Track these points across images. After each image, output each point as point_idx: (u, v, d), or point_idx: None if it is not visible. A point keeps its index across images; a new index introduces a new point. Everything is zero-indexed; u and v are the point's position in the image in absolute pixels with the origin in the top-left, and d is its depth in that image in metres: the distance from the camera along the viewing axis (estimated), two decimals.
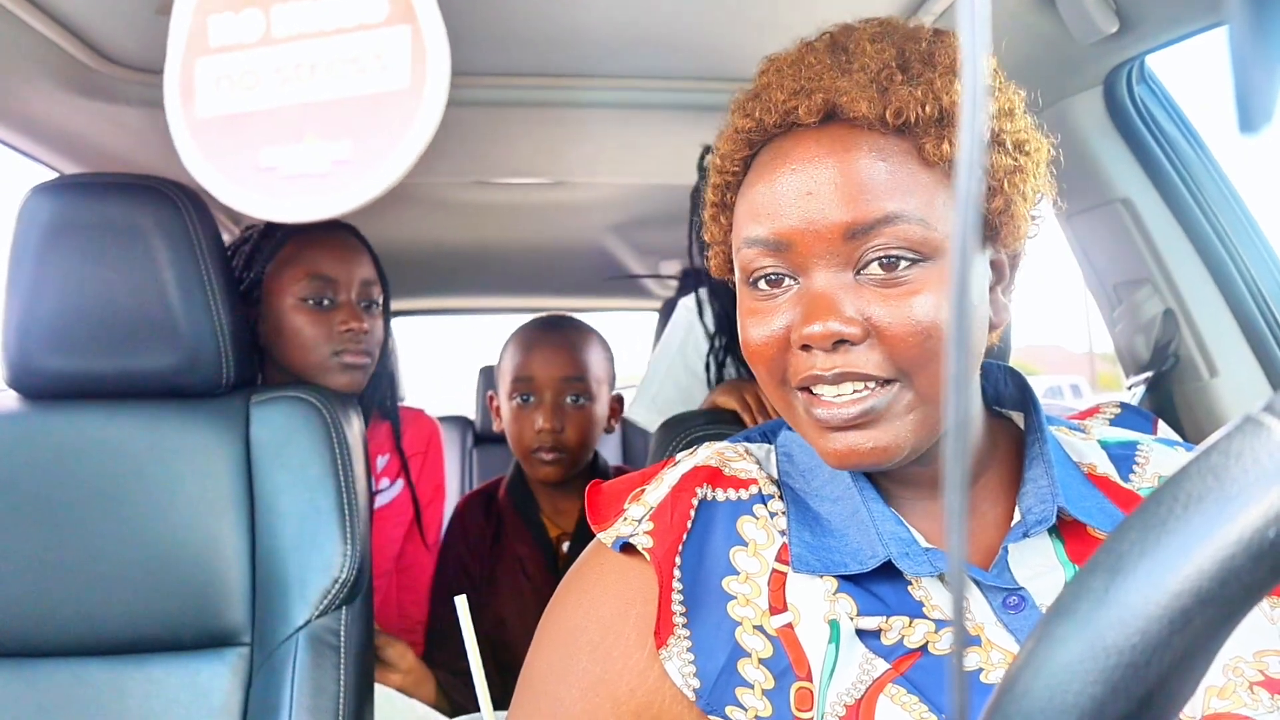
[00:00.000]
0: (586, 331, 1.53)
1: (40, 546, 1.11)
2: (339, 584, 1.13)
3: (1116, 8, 1.08)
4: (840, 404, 0.59)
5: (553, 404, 1.44)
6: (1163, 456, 0.70)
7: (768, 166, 0.62)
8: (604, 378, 1.51)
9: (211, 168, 0.36)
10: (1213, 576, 0.28)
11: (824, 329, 0.58)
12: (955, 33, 0.64)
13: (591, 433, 1.48)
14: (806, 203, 0.59)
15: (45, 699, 1.09)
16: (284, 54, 0.36)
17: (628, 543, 0.67)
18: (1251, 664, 0.57)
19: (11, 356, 1.14)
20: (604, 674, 0.64)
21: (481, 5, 1.19)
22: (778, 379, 0.63)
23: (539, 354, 1.47)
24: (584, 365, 1.46)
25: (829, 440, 0.60)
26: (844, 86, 0.60)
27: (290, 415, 1.19)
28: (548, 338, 1.49)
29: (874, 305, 0.58)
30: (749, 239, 0.62)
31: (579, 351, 1.47)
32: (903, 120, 0.59)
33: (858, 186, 0.58)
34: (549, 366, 1.45)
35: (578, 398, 1.45)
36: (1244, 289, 1.25)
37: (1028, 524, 0.63)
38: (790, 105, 0.61)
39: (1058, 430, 0.73)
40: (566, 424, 1.44)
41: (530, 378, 1.46)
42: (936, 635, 0.60)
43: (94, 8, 1.16)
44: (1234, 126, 0.26)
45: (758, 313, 0.63)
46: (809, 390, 0.61)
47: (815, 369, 0.59)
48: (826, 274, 0.59)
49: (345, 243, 1.43)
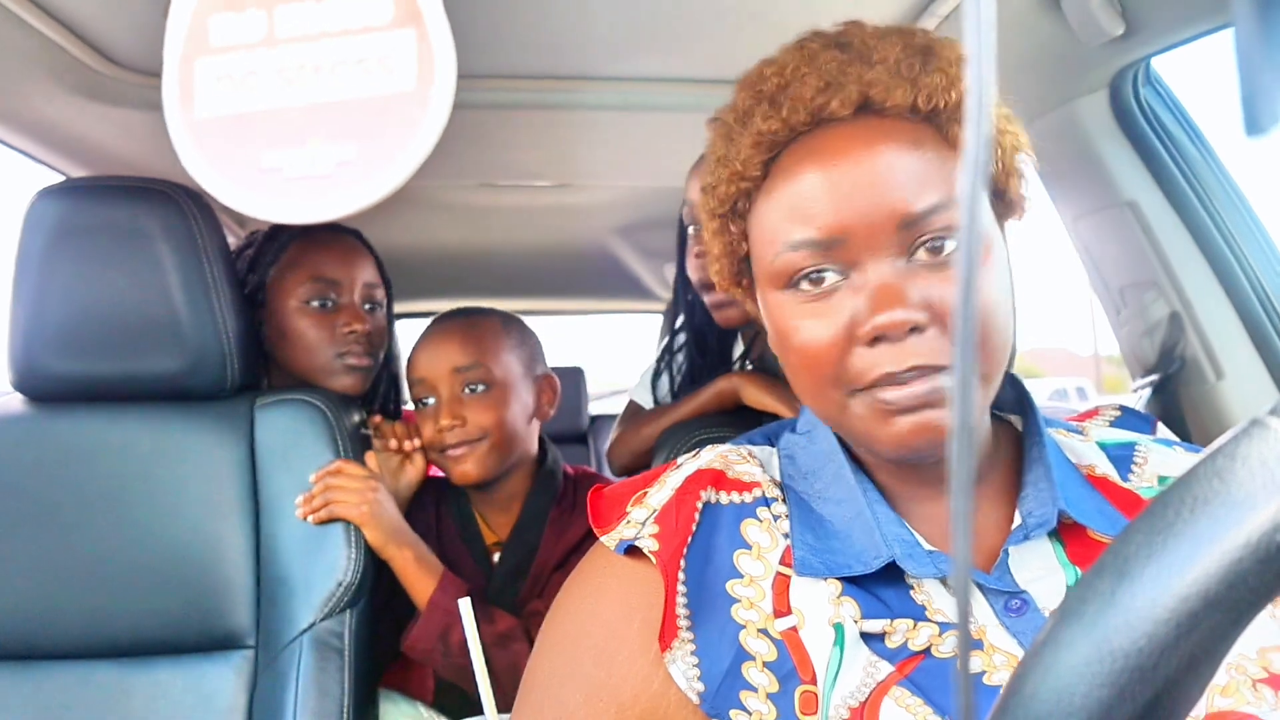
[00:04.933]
0: (484, 318, 1.40)
1: (45, 549, 1.12)
2: (343, 587, 1.13)
3: (1122, 10, 1.08)
4: (910, 381, 0.58)
5: (450, 398, 1.33)
6: (1161, 457, 0.70)
7: (800, 165, 0.61)
8: (513, 362, 1.38)
9: (211, 168, 0.36)
10: (1220, 580, 0.28)
11: (895, 318, 0.56)
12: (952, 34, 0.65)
13: (503, 419, 1.34)
14: (856, 196, 0.58)
15: (50, 701, 1.09)
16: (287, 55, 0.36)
17: (631, 546, 0.67)
18: (1255, 661, 0.57)
19: (18, 359, 1.14)
20: (608, 678, 0.64)
21: (486, 7, 1.20)
22: (830, 382, 0.61)
23: (425, 350, 1.36)
24: (478, 351, 1.34)
25: (895, 424, 0.59)
26: (874, 77, 0.60)
27: (295, 418, 1.19)
28: (434, 332, 1.39)
29: (930, 288, 0.58)
30: (794, 242, 0.60)
31: (470, 339, 1.35)
32: (932, 106, 0.59)
33: (904, 175, 0.58)
34: (436, 360, 1.34)
35: (475, 386, 1.33)
36: (1250, 292, 1.24)
37: (1028, 527, 0.63)
38: (821, 101, 0.60)
39: (1056, 433, 0.73)
40: (468, 415, 1.32)
41: (422, 379, 1.35)
42: (940, 638, 0.60)
43: (100, 11, 1.16)
44: (1240, 129, 0.26)
45: (813, 314, 0.61)
46: (872, 391, 0.59)
47: (885, 368, 0.58)
48: (883, 264, 0.58)
49: (348, 245, 1.43)
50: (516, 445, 1.37)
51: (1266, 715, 0.54)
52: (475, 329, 1.37)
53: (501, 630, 1.20)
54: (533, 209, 2.26)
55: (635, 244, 2.61)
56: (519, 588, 1.33)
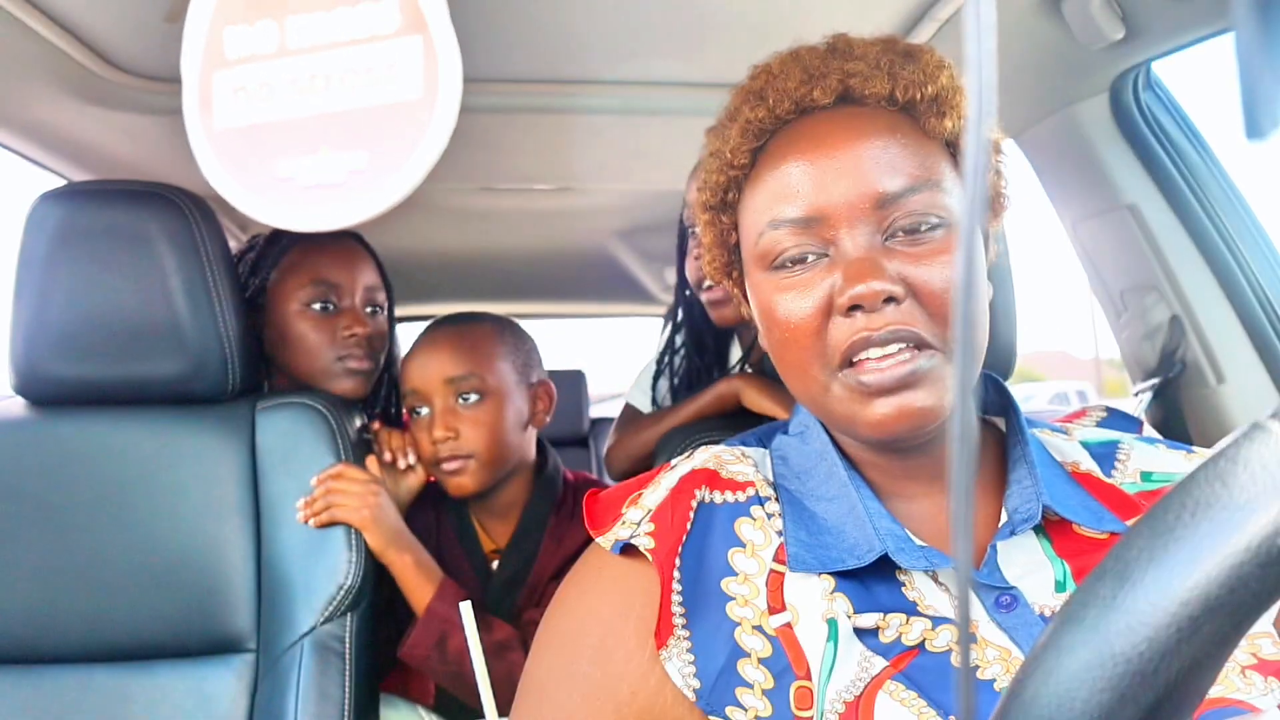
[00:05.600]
0: (476, 324, 1.38)
1: (46, 553, 1.12)
2: (344, 590, 1.13)
3: (1123, 14, 1.08)
4: (888, 366, 0.60)
5: (443, 409, 1.30)
6: (1144, 453, 0.72)
7: (785, 151, 0.65)
8: (507, 369, 1.36)
9: (230, 178, 0.36)
10: (1221, 584, 0.28)
11: (873, 288, 0.59)
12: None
13: (498, 431, 1.32)
14: (835, 178, 0.62)
15: (51, 705, 1.09)
16: (298, 66, 0.37)
17: (627, 545, 0.67)
18: (1243, 648, 0.57)
19: (19, 362, 1.14)
20: (605, 678, 0.64)
21: (488, 11, 1.20)
22: (812, 357, 0.63)
23: (417, 360, 1.34)
24: (471, 360, 1.31)
25: (875, 406, 0.61)
26: (854, 69, 0.64)
27: (296, 421, 1.19)
28: (426, 341, 1.36)
29: (907, 267, 0.61)
30: (775, 221, 0.64)
31: (462, 348, 1.32)
32: (908, 98, 0.64)
33: (881, 159, 0.62)
34: (428, 371, 1.31)
35: (468, 395, 1.31)
36: (1251, 295, 1.24)
37: (1014, 523, 0.64)
38: (804, 91, 0.65)
39: (1041, 433, 0.75)
40: (462, 427, 1.30)
41: (415, 389, 1.33)
42: (933, 632, 0.60)
43: (103, 15, 1.17)
44: (1241, 132, 0.26)
45: (792, 288, 0.64)
46: (852, 363, 0.62)
47: (864, 329, 0.60)
48: (859, 239, 0.62)
49: (348, 248, 1.43)
50: (511, 455, 1.35)
51: (1255, 700, 0.55)
52: (468, 337, 1.34)
53: (499, 639, 1.20)
54: (533, 212, 2.26)
55: (635, 247, 2.61)
56: (517, 596, 1.32)
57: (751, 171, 0.68)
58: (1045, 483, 0.65)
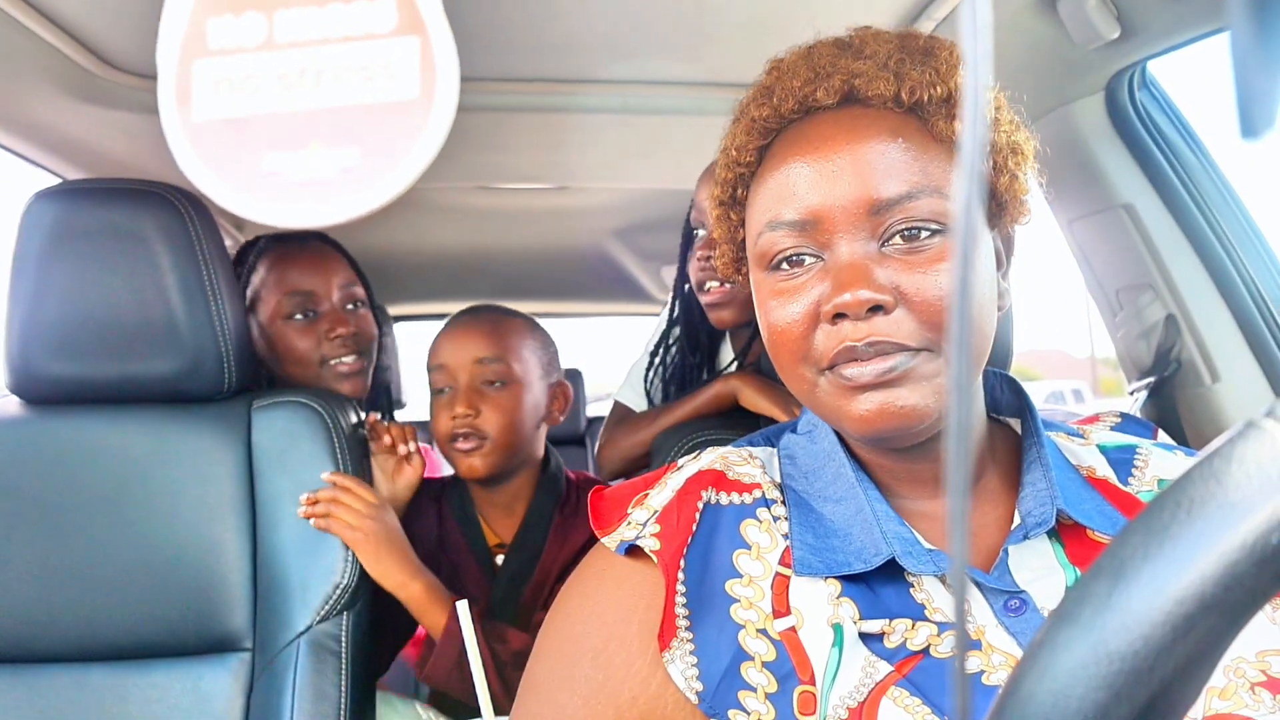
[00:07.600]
0: (510, 317, 1.43)
1: (42, 552, 1.11)
2: (340, 589, 1.13)
3: (1118, 13, 1.08)
4: (870, 359, 0.59)
5: (468, 387, 1.33)
6: (1161, 460, 0.71)
7: (787, 151, 0.64)
8: (533, 363, 1.40)
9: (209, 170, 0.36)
10: (1216, 582, 0.28)
11: (857, 297, 0.58)
12: (948, 38, 0.67)
13: (516, 419, 1.35)
14: (831, 181, 0.61)
15: (47, 704, 1.09)
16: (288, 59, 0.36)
17: (632, 546, 0.67)
18: (1253, 664, 0.57)
19: (14, 362, 1.14)
20: (606, 681, 0.64)
21: (485, 10, 1.20)
22: (800, 358, 0.63)
23: (449, 339, 1.37)
24: (501, 347, 1.35)
25: (858, 403, 0.60)
26: (860, 69, 0.63)
27: (291, 419, 1.19)
28: (460, 322, 1.40)
29: (901, 275, 0.60)
30: (773, 222, 0.63)
31: (494, 334, 1.36)
32: (915, 99, 0.62)
33: (880, 163, 0.60)
34: (459, 350, 1.35)
35: (494, 381, 1.34)
36: (1246, 294, 1.25)
37: (1027, 526, 0.63)
38: (808, 90, 0.64)
39: (1057, 436, 0.74)
40: (484, 408, 1.33)
41: (442, 365, 1.36)
42: (939, 638, 0.60)
43: (97, 13, 1.16)
44: (1236, 131, 0.26)
45: (783, 293, 0.63)
46: (835, 369, 0.61)
47: (847, 340, 0.59)
48: (853, 245, 0.61)
49: (316, 252, 1.44)
50: (524, 446, 1.38)
51: (1264, 718, 0.54)
52: (501, 325, 1.39)
53: (517, 649, 1.20)
54: (530, 211, 2.26)
55: (632, 247, 2.61)
56: (523, 591, 1.32)
57: (758, 170, 0.67)
58: (1060, 486, 0.64)
